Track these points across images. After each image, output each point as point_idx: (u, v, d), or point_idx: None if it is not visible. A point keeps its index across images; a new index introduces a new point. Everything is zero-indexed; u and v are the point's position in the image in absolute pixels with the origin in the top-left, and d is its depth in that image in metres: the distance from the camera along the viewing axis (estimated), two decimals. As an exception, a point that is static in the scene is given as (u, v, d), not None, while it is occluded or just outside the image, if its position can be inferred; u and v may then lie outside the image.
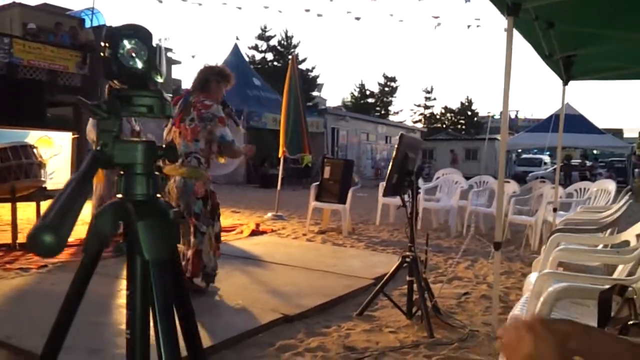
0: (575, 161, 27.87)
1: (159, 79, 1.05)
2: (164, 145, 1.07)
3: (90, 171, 0.90)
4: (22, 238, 5.40)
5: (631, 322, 1.52)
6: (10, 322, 3.27)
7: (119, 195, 1.05)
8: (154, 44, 1.03)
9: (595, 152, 32.74)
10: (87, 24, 17.14)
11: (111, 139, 0.99)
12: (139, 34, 1.01)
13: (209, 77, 4.16)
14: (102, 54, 1.01)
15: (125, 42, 1.00)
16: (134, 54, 1.00)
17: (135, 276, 1.01)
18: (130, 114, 1.03)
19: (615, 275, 2.85)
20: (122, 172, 1.05)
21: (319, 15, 18.56)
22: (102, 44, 1.01)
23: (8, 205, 5.70)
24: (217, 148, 4.01)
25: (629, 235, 3.12)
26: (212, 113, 3.98)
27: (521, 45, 4.77)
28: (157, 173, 1.05)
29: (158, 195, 1.07)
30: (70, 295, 1.03)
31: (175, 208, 1.08)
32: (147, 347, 0.99)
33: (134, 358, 0.98)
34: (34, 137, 8.48)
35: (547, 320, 1.00)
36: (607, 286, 1.82)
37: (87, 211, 1.12)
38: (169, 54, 39.09)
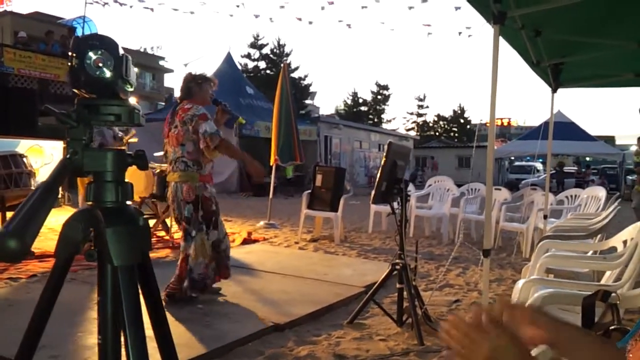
0: (571, 168, 28.00)
1: (129, 88, 1.06)
2: (132, 153, 1.07)
3: (58, 179, 0.91)
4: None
5: (613, 327, 1.53)
6: (-3, 332, 3.24)
7: (89, 203, 1.05)
8: (120, 53, 1.04)
9: (587, 159, 32.91)
10: (79, 33, 17.12)
11: (80, 147, 1.00)
12: (104, 44, 1.03)
13: (189, 83, 4.27)
14: (69, 64, 1.02)
15: (91, 53, 1.02)
16: (100, 64, 1.02)
17: (105, 282, 1.02)
18: (98, 123, 1.04)
19: (603, 281, 2.86)
20: (92, 180, 1.05)
21: (310, 22, 18.68)
22: (69, 54, 1.02)
23: (-3, 215, 5.68)
24: (205, 143, 4.00)
25: (616, 241, 3.14)
26: (191, 114, 4.05)
27: (513, 52, 4.79)
28: (127, 181, 1.06)
29: (128, 203, 1.07)
30: (42, 301, 1.04)
31: (145, 215, 1.08)
32: (118, 352, 0.99)
33: None
34: (24, 146, 8.49)
35: (501, 319, 0.99)
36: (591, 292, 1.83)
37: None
38: (162, 62, 39.16)
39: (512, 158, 31.17)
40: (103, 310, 1.01)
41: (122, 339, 1.00)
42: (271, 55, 36.80)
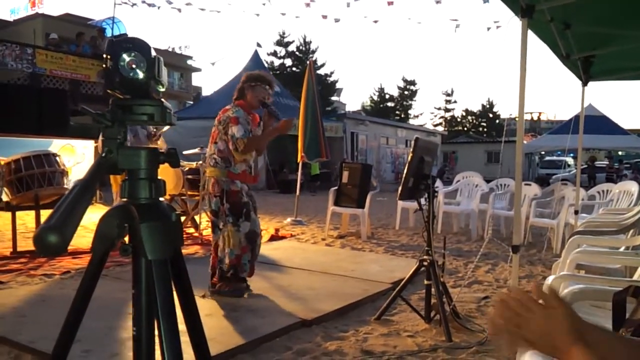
0: (603, 163, 27.45)
1: (161, 89, 1.10)
2: (164, 151, 1.11)
3: (95, 176, 0.95)
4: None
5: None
6: (34, 327, 3.34)
7: (124, 199, 1.09)
8: (152, 55, 1.08)
9: (620, 153, 32.23)
10: (108, 33, 17.41)
11: (115, 145, 1.05)
12: (137, 46, 1.07)
13: (243, 86, 4.33)
14: (104, 66, 1.06)
15: (125, 55, 1.06)
16: (134, 66, 1.06)
17: (139, 276, 1.06)
18: (132, 122, 1.08)
19: (635, 277, 2.81)
20: (126, 177, 1.09)
21: (337, 20, 18.55)
22: (104, 56, 1.07)
23: (32, 213, 5.82)
24: (234, 146, 4.13)
25: (649, 236, 3.08)
26: (226, 116, 4.20)
27: (543, 45, 4.72)
28: (160, 178, 1.10)
29: (161, 199, 1.11)
30: (78, 295, 1.08)
31: (177, 211, 1.12)
32: (152, 343, 1.03)
33: (140, 353, 1.02)
34: (57, 145, 8.69)
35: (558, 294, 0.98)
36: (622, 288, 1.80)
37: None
38: (189, 62, 39.54)
39: (543, 153, 30.70)
40: (138, 302, 1.05)
41: (156, 330, 1.04)
42: (297, 53, 36.84)
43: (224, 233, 4.17)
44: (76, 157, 9.05)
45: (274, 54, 36.89)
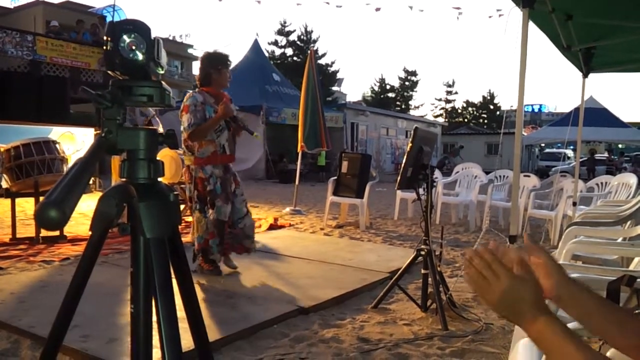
0: (602, 156, 27.47)
1: (160, 71, 1.12)
2: (162, 133, 1.13)
3: (95, 155, 0.97)
4: (45, 232, 5.53)
5: (638, 312, 1.52)
6: (33, 312, 3.36)
7: (123, 179, 1.11)
8: (152, 37, 1.09)
9: (620, 146, 32.23)
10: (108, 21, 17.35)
11: (115, 126, 1.06)
12: (137, 28, 1.10)
13: (207, 70, 4.30)
14: (104, 47, 1.07)
15: (125, 36, 1.08)
16: (133, 47, 1.08)
17: (138, 254, 1.09)
18: (132, 103, 1.10)
19: (631, 268, 2.83)
20: (125, 158, 1.11)
21: (339, 6, 18.43)
22: (105, 38, 1.08)
23: (32, 200, 5.84)
24: (185, 135, 4.21)
25: (646, 228, 3.09)
26: (182, 103, 4.24)
27: (544, 36, 4.71)
28: (158, 159, 1.12)
29: (159, 179, 1.13)
30: (77, 275, 1.09)
31: (175, 191, 1.14)
32: (149, 320, 1.05)
33: (138, 330, 1.04)
34: (57, 132, 8.70)
35: (525, 258, 1.02)
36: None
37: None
38: (190, 50, 39.43)
39: (543, 145, 30.71)
40: (136, 280, 1.08)
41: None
42: (298, 42, 36.72)
43: (193, 218, 4.31)
44: (76, 144, 9.07)
45: (275, 43, 36.79)
